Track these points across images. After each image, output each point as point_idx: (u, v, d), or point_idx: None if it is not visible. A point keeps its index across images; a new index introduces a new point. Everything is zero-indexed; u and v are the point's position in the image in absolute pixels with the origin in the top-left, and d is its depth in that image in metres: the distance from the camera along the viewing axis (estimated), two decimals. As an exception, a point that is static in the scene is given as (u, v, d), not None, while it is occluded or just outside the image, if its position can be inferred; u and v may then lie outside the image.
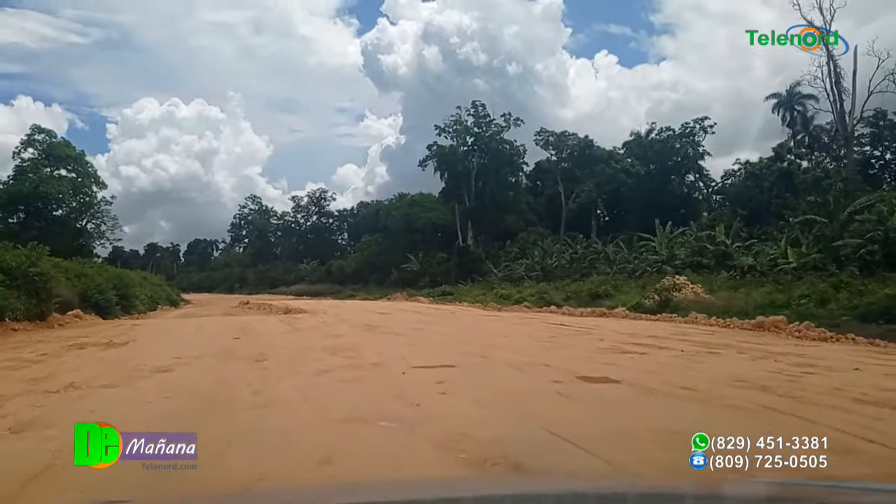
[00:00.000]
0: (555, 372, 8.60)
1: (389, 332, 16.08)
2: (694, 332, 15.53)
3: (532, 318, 22.88)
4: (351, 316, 23.25)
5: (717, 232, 35.07)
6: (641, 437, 4.90)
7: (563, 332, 15.93)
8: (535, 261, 50.36)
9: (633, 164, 52.03)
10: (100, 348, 12.26)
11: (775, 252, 31.26)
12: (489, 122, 61.71)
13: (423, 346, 12.95)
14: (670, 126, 55.40)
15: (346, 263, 78.36)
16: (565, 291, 33.21)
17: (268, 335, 15.53)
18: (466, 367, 9.28)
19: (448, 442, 4.80)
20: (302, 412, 6.28)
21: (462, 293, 42.80)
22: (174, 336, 16.41)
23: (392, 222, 69.37)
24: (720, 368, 9.12)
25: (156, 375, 8.59)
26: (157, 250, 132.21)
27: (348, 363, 9.60)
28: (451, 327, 18.08)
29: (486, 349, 11.76)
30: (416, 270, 60.95)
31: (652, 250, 40.06)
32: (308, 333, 16.03)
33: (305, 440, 5.01)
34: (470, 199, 61.43)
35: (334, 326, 18.01)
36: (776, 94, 54.34)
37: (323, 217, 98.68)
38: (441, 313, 26.26)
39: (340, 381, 8.01)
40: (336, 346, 12.31)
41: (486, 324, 19.61)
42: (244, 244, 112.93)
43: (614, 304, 24.84)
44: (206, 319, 23.47)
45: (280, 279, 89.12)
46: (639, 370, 8.80)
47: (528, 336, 15.02)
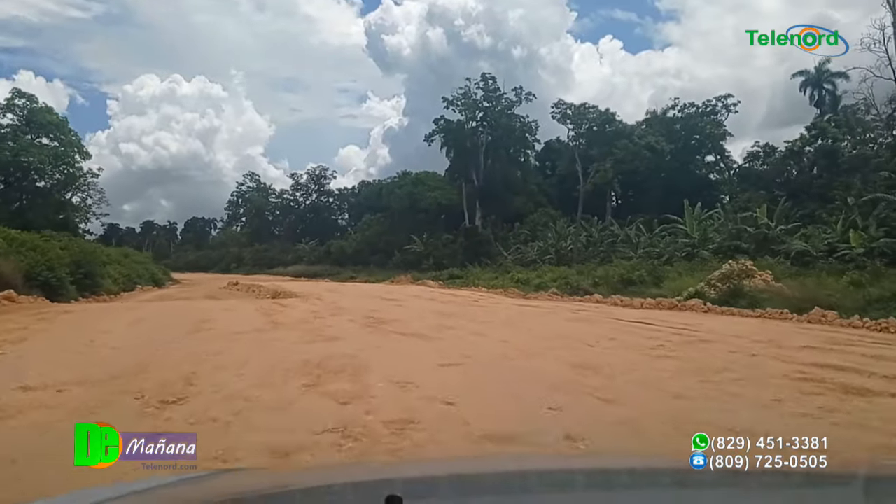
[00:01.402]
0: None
1: (406, 331, 11.69)
2: (859, 342, 11.09)
3: (585, 310, 18.53)
4: (351, 303, 18.98)
5: (759, 213, 31.18)
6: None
7: (664, 338, 11.30)
8: (550, 243, 46.61)
9: (657, 141, 47.93)
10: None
11: (831, 236, 27.44)
12: (499, 97, 57.51)
13: (477, 366, 8.22)
14: (693, 102, 51.29)
15: (346, 244, 74.44)
16: (591, 277, 29.42)
17: (226, 336, 11.07)
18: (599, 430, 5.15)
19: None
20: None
21: (473, 277, 38.93)
22: (80, 338, 10.76)
23: (395, 201, 65.34)
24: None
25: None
26: (154, 228, 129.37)
27: (340, 411, 5.61)
28: (493, 325, 13.34)
29: (609, 385, 7.08)
30: (419, 252, 57.16)
31: (682, 233, 36.17)
32: (288, 332, 11.80)
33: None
34: (478, 177, 57.39)
35: (328, 320, 13.77)
36: (803, 71, 50.45)
37: (323, 196, 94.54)
38: (462, 301, 21.79)
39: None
40: (325, 359, 8.16)
41: (537, 320, 14.71)
42: (242, 223, 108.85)
43: (662, 293, 20.99)
44: (161, 307, 18.96)
45: (277, 259, 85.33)
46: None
47: (627, 347, 10.47)
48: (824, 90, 50.19)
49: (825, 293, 17.12)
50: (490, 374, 7.73)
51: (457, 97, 57.00)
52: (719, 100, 51.99)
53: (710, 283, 19.28)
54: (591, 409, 5.80)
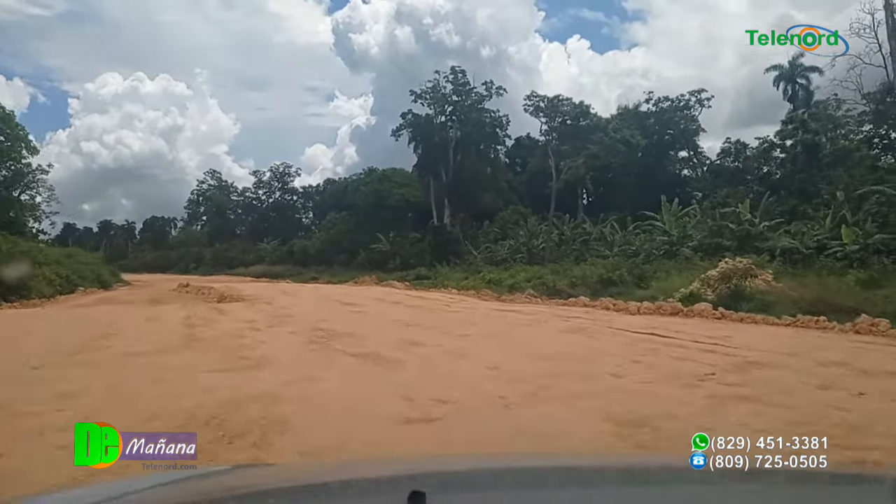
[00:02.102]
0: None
1: (360, 350, 9.14)
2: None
3: (576, 316, 16.07)
4: (303, 309, 16.39)
5: (742, 209, 29.48)
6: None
7: (700, 358, 8.87)
8: (521, 242, 44.63)
9: (632, 135, 46.11)
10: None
11: (819, 232, 25.82)
12: (469, 91, 55.22)
13: (460, 422, 5.55)
14: (668, 96, 49.58)
15: (309, 243, 71.55)
16: (568, 277, 27.39)
17: (113, 361, 8.43)
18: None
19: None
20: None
21: (442, 277, 36.66)
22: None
23: (360, 199, 62.70)
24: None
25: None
26: (112, 228, 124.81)
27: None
28: (473, 340, 10.58)
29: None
30: (385, 251, 54.73)
31: (659, 231, 34.37)
32: (203, 353, 9.17)
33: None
34: (447, 173, 55.05)
35: (264, 333, 11.14)
36: (777, 65, 49.31)
37: (286, 194, 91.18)
38: (432, 306, 19.19)
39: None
40: (230, 404, 5.56)
41: (526, 332, 12.31)
42: (202, 222, 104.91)
43: (651, 295, 18.95)
44: (71, 315, 16.08)
45: (238, 259, 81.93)
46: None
47: (665, 376, 7.67)
48: (798, 85, 49.19)
49: (834, 294, 15.22)
50: (484, 443, 5.05)
51: (425, 91, 54.64)
52: (692, 94, 50.54)
53: (707, 283, 17.29)
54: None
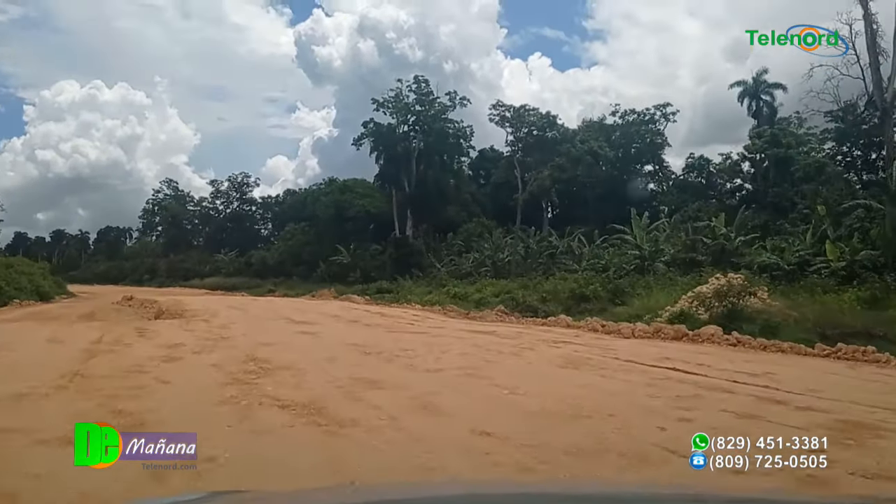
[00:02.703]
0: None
1: (297, 399, 7.07)
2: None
3: (565, 340, 13.68)
4: (244, 328, 14.01)
5: (717, 223, 28.14)
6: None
7: (766, 410, 6.95)
8: (486, 255, 42.84)
9: (600, 146, 44.81)
10: None
11: (800, 248, 24.53)
12: (432, 101, 53.45)
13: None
14: (634, 108, 48.56)
15: (267, 255, 68.66)
16: (538, 292, 25.55)
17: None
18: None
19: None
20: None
21: (405, 291, 34.55)
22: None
23: (320, 209, 60.24)
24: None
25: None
26: (64, 238, 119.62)
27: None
28: (446, 380, 8.51)
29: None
30: (346, 263, 52.38)
31: (629, 245, 32.87)
32: (64, 406, 6.85)
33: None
34: (410, 184, 53.08)
35: (179, 365, 8.77)
36: (741, 81, 48.86)
37: (245, 204, 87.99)
38: (393, 324, 16.73)
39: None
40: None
41: (512, 365, 9.83)
42: (158, 232, 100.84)
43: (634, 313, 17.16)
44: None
45: (194, 271, 78.47)
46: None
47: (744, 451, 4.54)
48: (762, 101, 48.75)
49: (837, 315, 13.63)
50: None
51: (388, 99, 52.63)
52: (658, 108, 49.69)
53: (701, 300, 15.56)
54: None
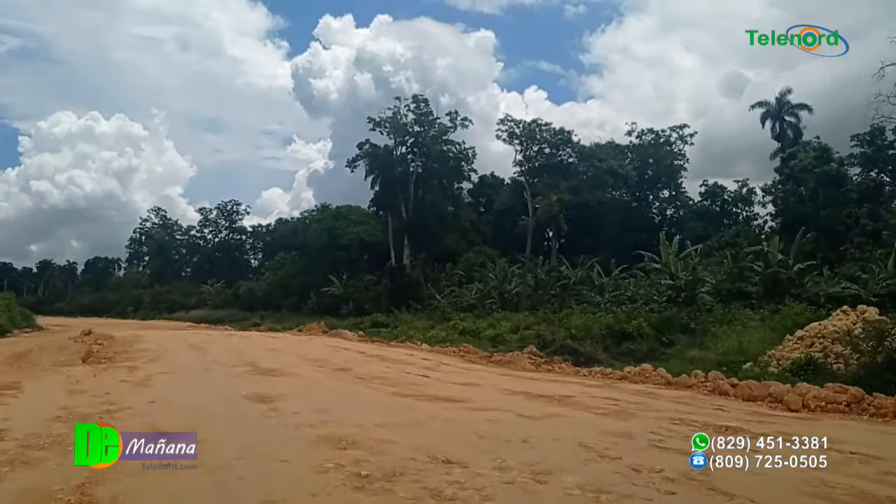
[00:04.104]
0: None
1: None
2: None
3: (687, 412, 8.26)
4: (170, 385, 9.55)
5: (771, 247, 23.66)
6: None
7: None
8: (492, 286, 38.20)
9: (621, 165, 40.54)
10: None
11: (883, 275, 20.01)
12: (432, 122, 49.31)
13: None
14: (652, 128, 44.36)
15: (256, 286, 63.76)
16: (564, 327, 20.85)
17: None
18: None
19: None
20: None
21: (404, 325, 29.74)
22: None
23: (312, 238, 55.62)
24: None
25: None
26: (50, 268, 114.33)
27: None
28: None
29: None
30: (338, 295, 47.64)
31: (661, 273, 28.32)
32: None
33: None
34: (407, 210, 48.61)
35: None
36: (763, 101, 45.08)
37: (234, 233, 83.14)
38: (401, 378, 11.48)
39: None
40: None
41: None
42: (144, 262, 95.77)
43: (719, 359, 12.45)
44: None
45: (179, 303, 73.36)
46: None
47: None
48: (786, 122, 44.90)
49: None
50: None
51: (384, 119, 48.43)
52: (674, 129, 45.58)
53: (848, 342, 10.94)
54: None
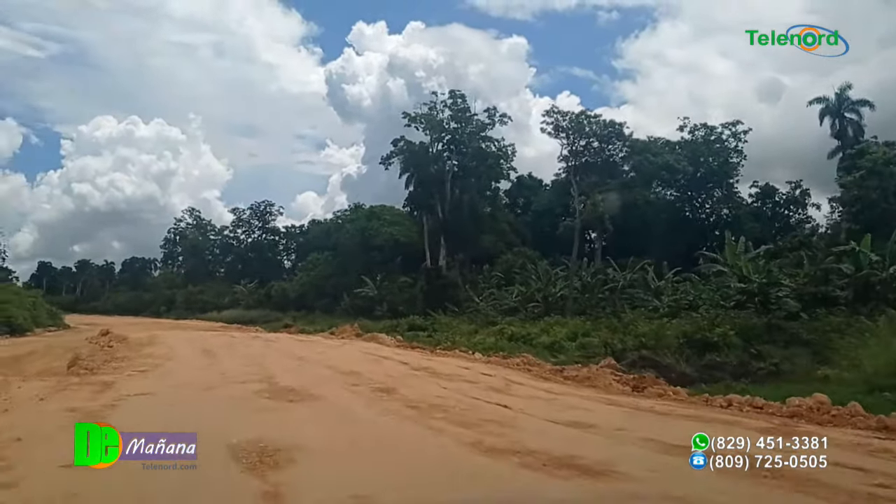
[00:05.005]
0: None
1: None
2: None
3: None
4: (148, 417, 7.20)
5: (863, 247, 20.71)
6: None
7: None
8: (534, 289, 35.62)
9: (678, 161, 37.58)
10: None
11: None
12: (469, 118, 46.88)
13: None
14: (706, 123, 41.10)
15: (288, 286, 62.13)
16: (631, 335, 18.19)
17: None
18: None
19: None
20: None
21: (443, 329, 27.30)
22: None
23: (345, 238, 53.66)
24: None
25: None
26: (89, 268, 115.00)
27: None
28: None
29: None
30: (372, 296, 45.57)
31: (727, 275, 25.43)
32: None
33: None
34: (443, 210, 46.20)
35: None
36: (822, 97, 41.63)
37: (267, 234, 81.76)
38: (477, 416, 8.21)
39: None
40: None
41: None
42: (179, 262, 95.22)
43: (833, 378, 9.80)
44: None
45: (212, 303, 72.15)
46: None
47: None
48: (846, 120, 41.51)
49: None
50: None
51: (420, 114, 46.15)
52: (726, 126, 42.31)
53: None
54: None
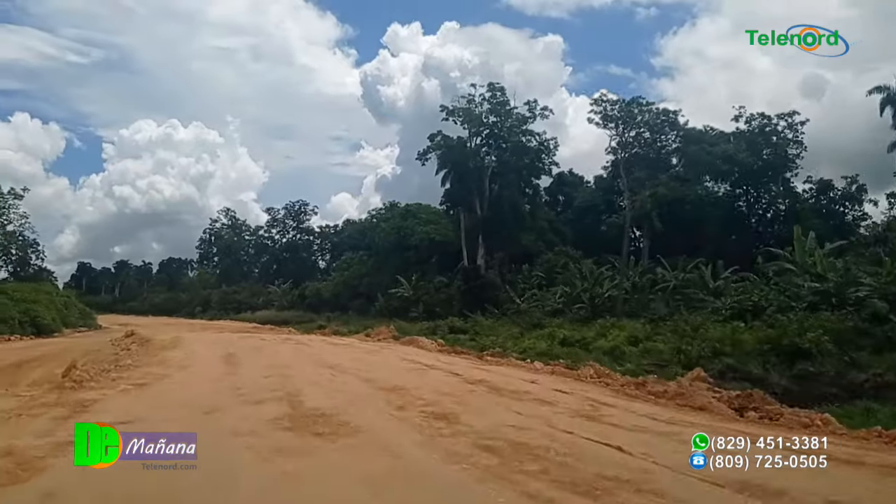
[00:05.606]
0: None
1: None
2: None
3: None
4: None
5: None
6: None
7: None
8: (580, 289, 33.50)
9: (737, 151, 34.97)
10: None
11: None
12: (509, 111, 44.87)
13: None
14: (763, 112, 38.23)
15: (322, 287, 60.88)
16: (701, 340, 16.04)
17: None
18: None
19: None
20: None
21: (485, 332, 25.42)
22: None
23: (380, 237, 52.11)
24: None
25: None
26: (127, 268, 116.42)
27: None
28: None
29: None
30: (407, 297, 43.91)
31: (800, 275, 23.03)
32: None
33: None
34: (482, 207, 44.28)
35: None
36: (881, 86, 38.56)
37: (301, 234, 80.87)
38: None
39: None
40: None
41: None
42: (214, 262, 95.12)
43: None
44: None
45: (247, 303, 71.45)
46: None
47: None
48: (909, 110, 38.40)
49: None
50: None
51: (459, 108, 44.25)
52: (781, 117, 39.44)
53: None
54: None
